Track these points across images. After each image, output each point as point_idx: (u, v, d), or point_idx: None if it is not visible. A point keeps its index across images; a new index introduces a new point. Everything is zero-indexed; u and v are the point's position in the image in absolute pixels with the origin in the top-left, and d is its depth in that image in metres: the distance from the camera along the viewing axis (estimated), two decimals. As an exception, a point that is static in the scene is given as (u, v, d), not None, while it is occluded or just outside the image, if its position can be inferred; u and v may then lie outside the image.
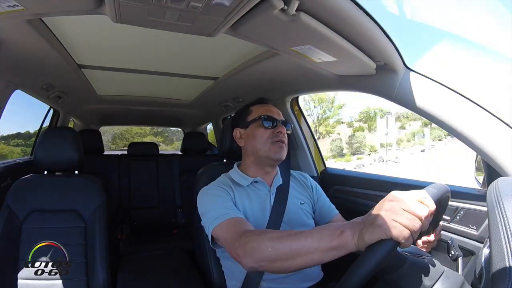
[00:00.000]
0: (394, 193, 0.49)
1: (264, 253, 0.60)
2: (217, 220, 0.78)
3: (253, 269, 0.64)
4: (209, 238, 0.82)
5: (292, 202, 0.97)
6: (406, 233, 0.44)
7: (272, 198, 0.96)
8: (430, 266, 0.56)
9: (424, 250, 0.72)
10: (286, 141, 0.96)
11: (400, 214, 0.45)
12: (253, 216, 0.91)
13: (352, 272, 0.46)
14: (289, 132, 0.99)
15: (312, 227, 0.99)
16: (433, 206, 0.47)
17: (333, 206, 1.06)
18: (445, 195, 0.62)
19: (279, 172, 1.02)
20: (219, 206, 0.83)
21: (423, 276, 0.54)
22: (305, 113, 1.69)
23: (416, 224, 0.45)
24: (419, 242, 0.72)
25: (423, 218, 0.46)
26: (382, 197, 0.51)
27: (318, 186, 1.09)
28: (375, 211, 0.48)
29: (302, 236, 0.56)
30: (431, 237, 0.71)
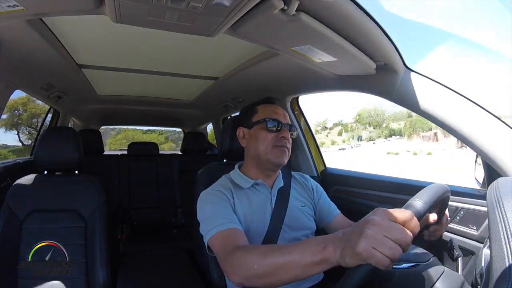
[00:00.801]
0: (377, 216, 0.46)
1: (250, 270, 0.61)
2: (212, 230, 0.79)
3: (242, 285, 0.65)
4: (206, 247, 0.82)
5: (293, 205, 0.96)
6: (387, 261, 0.43)
7: (273, 200, 0.95)
8: (426, 271, 0.56)
9: (432, 238, 0.72)
10: (289, 145, 0.94)
11: (382, 242, 0.44)
12: (254, 219, 0.90)
13: None
14: (293, 136, 0.97)
15: (313, 230, 0.99)
16: (417, 229, 0.46)
17: (334, 206, 1.05)
18: (445, 195, 0.62)
19: (280, 174, 1.01)
20: (216, 215, 0.82)
21: (418, 281, 0.54)
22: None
23: (397, 253, 0.44)
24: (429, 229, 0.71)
25: (405, 244, 0.45)
26: (382, 197, 0.51)
27: (319, 186, 1.09)
28: (357, 232, 0.46)
29: (286, 252, 0.56)
30: (439, 226, 0.70)
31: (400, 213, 0.47)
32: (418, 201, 0.53)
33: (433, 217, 0.67)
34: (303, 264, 0.53)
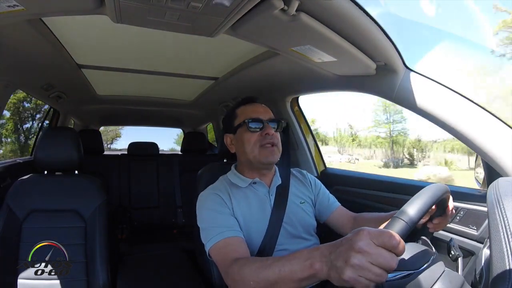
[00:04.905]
0: (362, 242, 0.45)
1: (248, 287, 0.64)
2: (210, 241, 0.80)
3: None
4: (207, 254, 0.84)
5: (292, 202, 0.96)
6: (373, 285, 0.45)
7: (271, 199, 0.94)
8: (425, 271, 0.55)
9: (438, 230, 0.73)
10: (276, 141, 0.92)
11: (368, 269, 0.44)
12: (253, 219, 0.90)
13: None
14: (279, 130, 0.95)
15: (314, 226, 0.99)
16: (403, 251, 0.46)
17: (334, 199, 1.05)
18: (443, 196, 0.62)
19: (277, 171, 1.01)
20: (213, 224, 0.84)
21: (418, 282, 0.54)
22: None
23: (383, 278, 0.45)
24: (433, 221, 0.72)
25: (390, 269, 0.45)
26: (382, 197, 0.51)
27: (317, 180, 1.08)
28: (342, 258, 0.46)
29: (277, 268, 0.58)
30: (443, 219, 0.71)
31: (386, 238, 0.45)
32: (411, 209, 0.53)
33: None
34: (294, 280, 0.55)
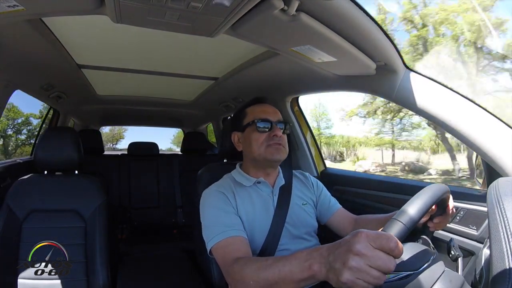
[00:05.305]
0: (360, 244, 0.45)
1: (248, 286, 0.65)
2: (213, 240, 0.80)
3: None
4: (208, 252, 0.83)
5: (294, 203, 0.97)
6: (370, 287, 0.45)
7: (275, 199, 0.95)
8: (425, 271, 0.55)
9: (438, 229, 0.74)
10: (284, 142, 0.94)
11: (366, 272, 0.44)
12: (256, 218, 0.90)
13: None
14: (287, 132, 0.96)
15: (315, 227, 0.99)
16: (401, 254, 0.46)
17: (335, 201, 1.05)
18: (443, 197, 0.62)
19: (281, 172, 1.01)
20: (216, 222, 0.84)
21: (418, 282, 0.54)
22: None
23: (381, 280, 0.45)
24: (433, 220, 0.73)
25: (388, 271, 0.45)
26: (381, 197, 0.51)
27: (319, 182, 1.09)
28: (340, 259, 0.46)
29: (277, 268, 0.59)
30: (444, 218, 0.72)
31: (383, 240, 0.45)
32: (410, 211, 0.54)
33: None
34: (294, 280, 0.55)
